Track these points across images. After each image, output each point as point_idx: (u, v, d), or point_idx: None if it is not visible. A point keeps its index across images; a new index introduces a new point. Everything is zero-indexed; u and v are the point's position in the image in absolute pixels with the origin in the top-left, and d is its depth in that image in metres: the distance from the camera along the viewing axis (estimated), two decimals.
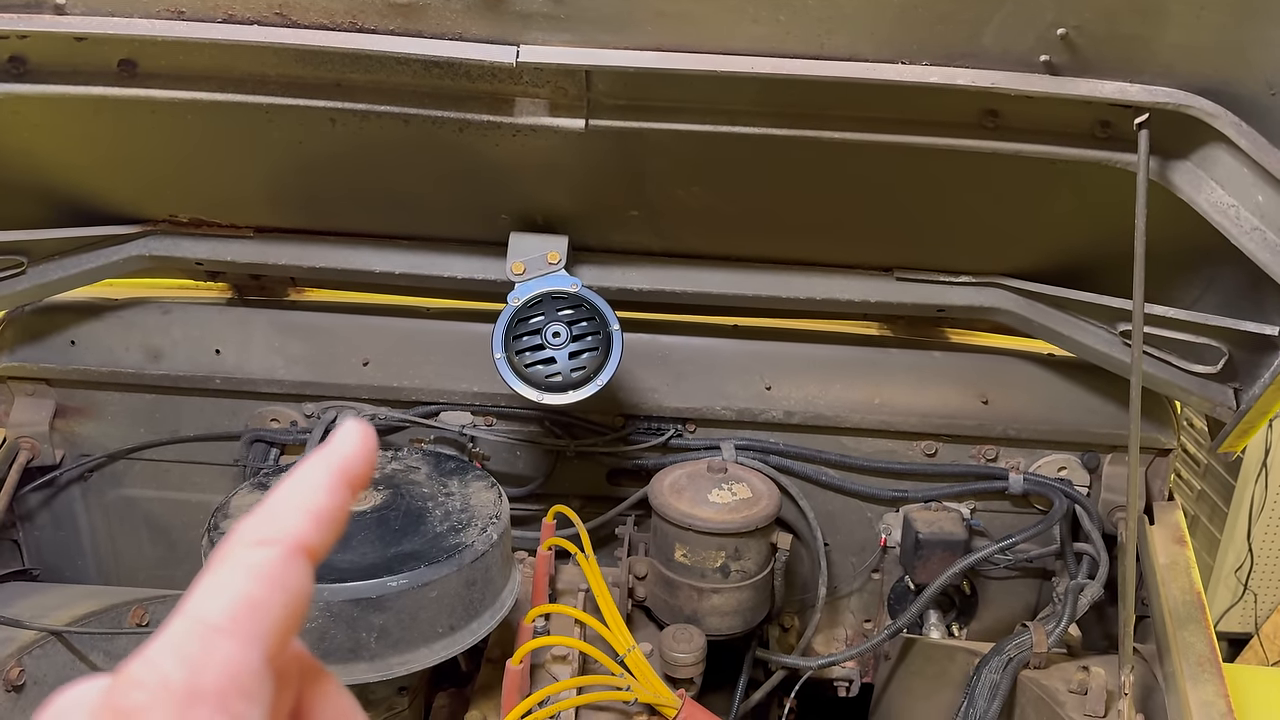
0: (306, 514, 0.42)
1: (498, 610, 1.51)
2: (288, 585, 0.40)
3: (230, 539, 0.40)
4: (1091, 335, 1.75)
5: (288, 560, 0.40)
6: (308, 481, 0.43)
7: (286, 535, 0.40)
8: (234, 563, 0.39)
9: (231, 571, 0.39)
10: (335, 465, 0.44)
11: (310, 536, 0.41)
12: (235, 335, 2.01)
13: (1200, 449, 4.43)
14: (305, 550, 0.41)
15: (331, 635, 1.33)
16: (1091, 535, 1.89)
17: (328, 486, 0.43)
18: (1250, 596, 4.23)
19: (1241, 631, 4.27)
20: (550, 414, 2.01)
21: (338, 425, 0.45)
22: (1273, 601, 4.28)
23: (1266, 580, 4.22)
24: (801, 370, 2.02)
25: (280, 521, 0.41)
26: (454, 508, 1.54)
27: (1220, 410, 1.66)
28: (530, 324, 1.68)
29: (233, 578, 0.39)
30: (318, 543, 0.41)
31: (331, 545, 0.43)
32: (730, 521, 1.75)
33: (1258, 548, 4.16)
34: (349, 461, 0.44)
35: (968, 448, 2.02)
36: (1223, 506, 4.23)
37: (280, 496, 0.42)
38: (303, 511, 0.42)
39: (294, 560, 0.40)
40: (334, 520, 0.43)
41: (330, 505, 0.43)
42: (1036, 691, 1.64)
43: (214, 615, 0.37)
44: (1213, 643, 1.55)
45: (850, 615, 2.17)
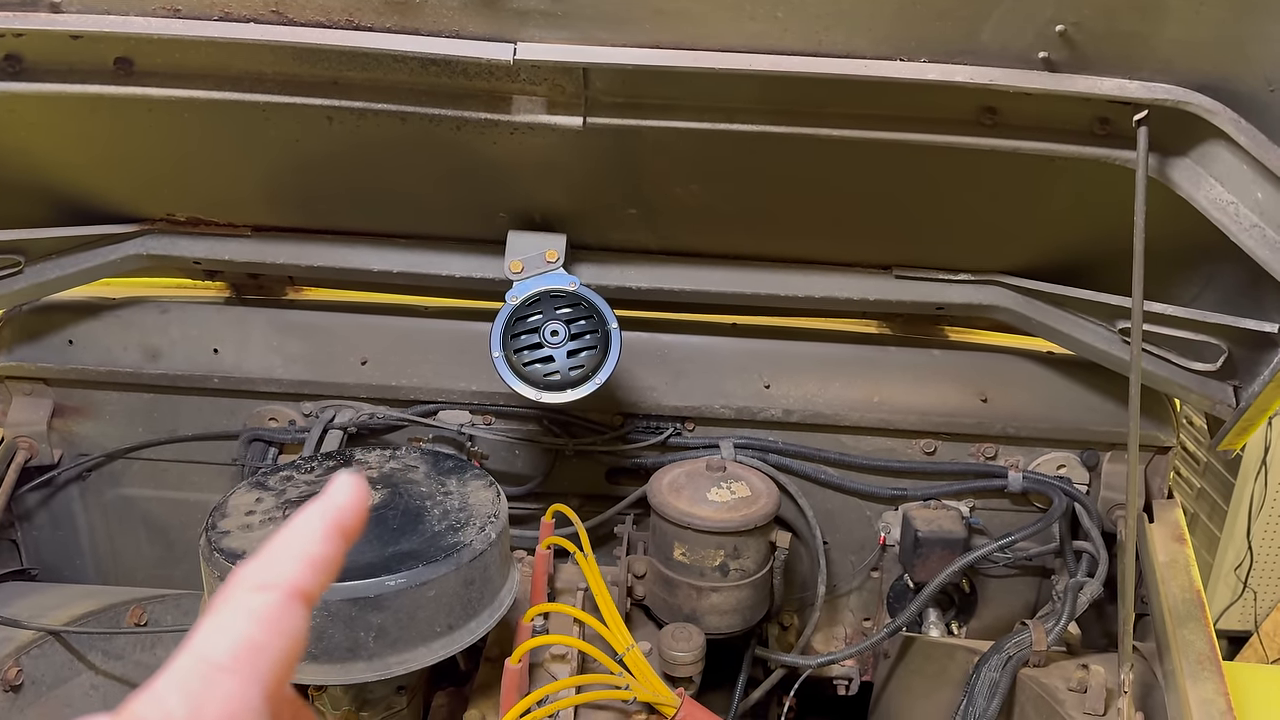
0: (303, 561, 0.45)
1: (496, 609, 1.50)
2: (286, 628, 0.43)
3: (232, 583, 0.44)
4: (1090, 333, 1.75)
5: (286, 605, 0.43)
6: (304, 530, 0.47)
7: (285, 581, 0.44)
8: (235, 606, 0.43)
9: (233, 614, 0.42)
10: (330, 515, 0.47)
11: (307, 582, 0.44)
12: (233, 334, 2.01)
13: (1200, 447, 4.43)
14: (302, 595, 0.44)
15: (330, 634, 1.33)
16: (1091, 533, 1.88)
17: (323, 535, 0.47)
18: (1250, 594, 4.23)
19: (1241, 629, 4.26)
20: (549, 413, 2.00)
21: (337, 476, 0.49)
22: (1272, 599, 4.27)
23: (1266, 578, 4.21)
24: (800, 369, 2.02)
25: (279, 568, 0.44)
26: (452, 507, 1.53)
27: (1220, 408, 1.66)
28: (528, 322, 1.67)
29: (234, 620, 0.42)
30: (314, 588, 0.45)
31: (326, 589, 0.46)
32: (729, 520, 1.75)
33: (1257, 546, 4.16)
34: (343, 512, 0.47)
35: (967, 446, 2.01)
36: (1222, 504, 4.23)
37: (278, 544, 0.46)
38: (300, 559, 0.45)
39: (292, 605, 0.43)
40: (329, 567, 0.46)
41: (325, 553, 0.46)
42: (1036, 690, 1.63)
43: (217, 654, 0.40)
44: (1212, 641, 1.55)
45: (849, 614, 2.17)
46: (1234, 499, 4.14)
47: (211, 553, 1.39)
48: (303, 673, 1.34)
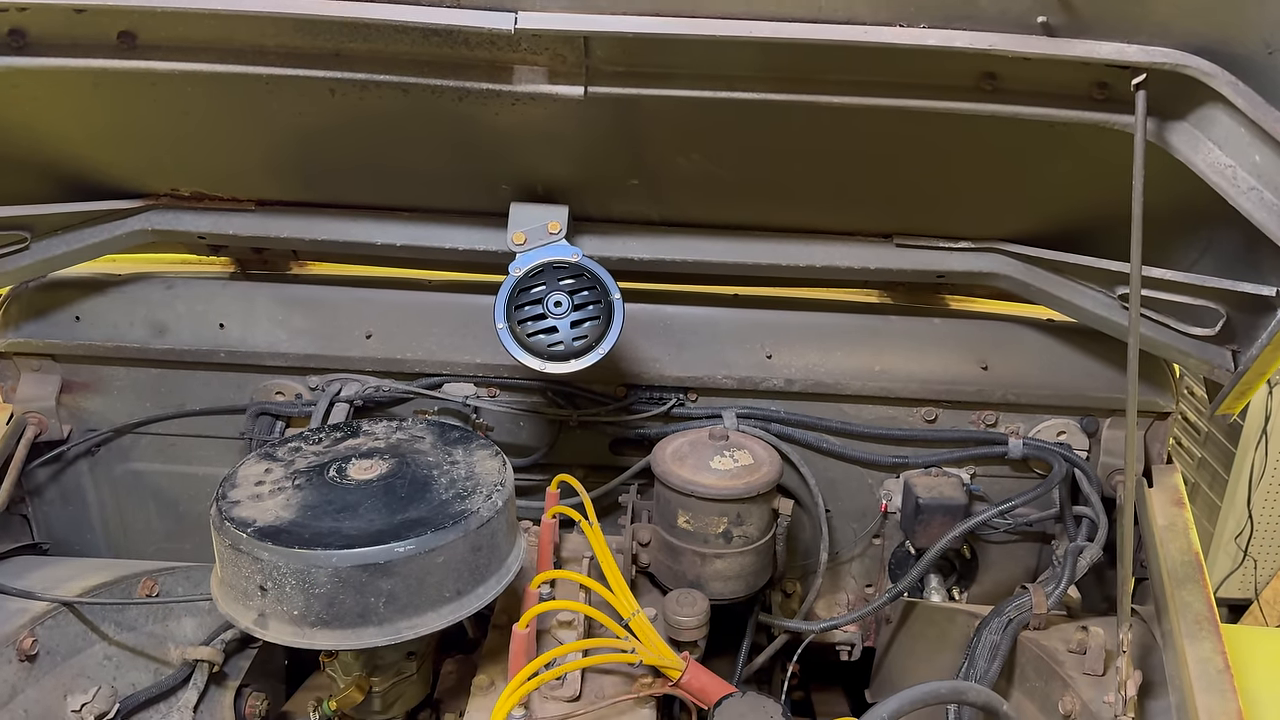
0: None
1: (504, 575, 1.53)
2: None
3: None
4: (1090, 299, 1.76)
5: None
6: None
7: None
8: None
9: None
10: None
11: None
12: (239, 309, 2.02)
13: (1200, 417, 4.44)
14: None
15: (340, 600, 1.35)
16: (1090, 498, 1.90)
17: None
18: (1250, 563, 4.26)
19: (1242, 597, 4.29)
20: (553, 384, 2.02)
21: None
22: (1273, 567, 4.30)
23: (1266, 546, 4.24)
24: (802, 338, 2.03)
25: None
26: (459, 475, 1.55)
27: (1218, 372, 1.67)
28: (532, 294, 1.68)
29: None
30: None
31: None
32: (732, 488, 1.77)
33: (1258, 514, 4.18)
34: None
35: (967, 413, 2.03)
36: (1223, 474, 4.24)
37: None
38: None
39: None
40: None
41: None
42: (1036, 651, 1.66)
43: None
44: (1210, 602, 1.57)
45: (852, 580, 2.19)
46: (1234, 468, 4.16)
47: (222, 522, 1.41)
48: (314, 638, 1.37)
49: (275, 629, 1.38)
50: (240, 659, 1.88)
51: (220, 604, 1.45)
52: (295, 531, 1.38)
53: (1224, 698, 1.36)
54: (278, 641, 1.38)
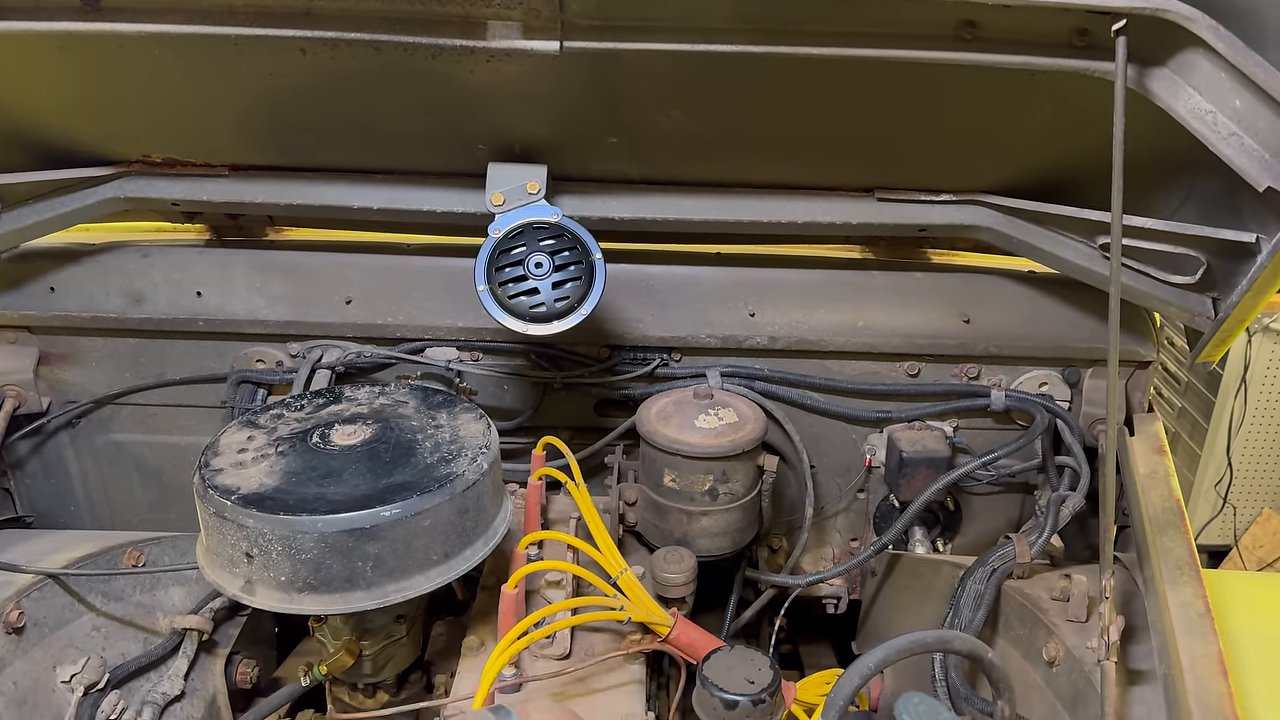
0: None
1: (491, 537, 1.53)
2: None
3: None
4: (1071, 250, 1.76)
5: None
6: None
7: None
8: None
9: None
10: None
11: None
12: (216, 277, 2.00)
13: (1180, 367, 4.48)
14: None
15: (328, 566, 1.35)
16: (1073, 448, 1.92)
17: None
18: (1230, 509, 4.32)
19: (1221, 544, 4.36)
20: (536, 347, 2.01)
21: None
22: (1251, 514, 4.36)
23: (1245, 493, 4.30)
24: (785, 295, 2.03)
25: None
26: (443, 439, 1.55)
27: (1199, 320, 1.68)
28: (512, 255, 1.67)
29: None
30: None
31: None
32: (717, 446, 1.77)
33: (1237, 462, 4.23)
34: None
35: (950, 367, 2.04)
36: (1203, 423, 4.29)
37: None
38: None
39: None
40: None
41: None
42: (1020, 600, 1.68)
43: None
44: (1191, 547, 1.59)
45: (837, 535, 2.21)
46: (1214, 417, 4.20)
47: (206, 490, 1.41)
48: (302, 603, 1.37)
49: (263, 595, 1.38)
50: (229, 627, 1.88)
51: (207, 572, 1.45)
52: (280, 498, 1.37)
53: (1205, 640, 1.38)
54: (265, 608, 1.38)
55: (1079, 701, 1.50)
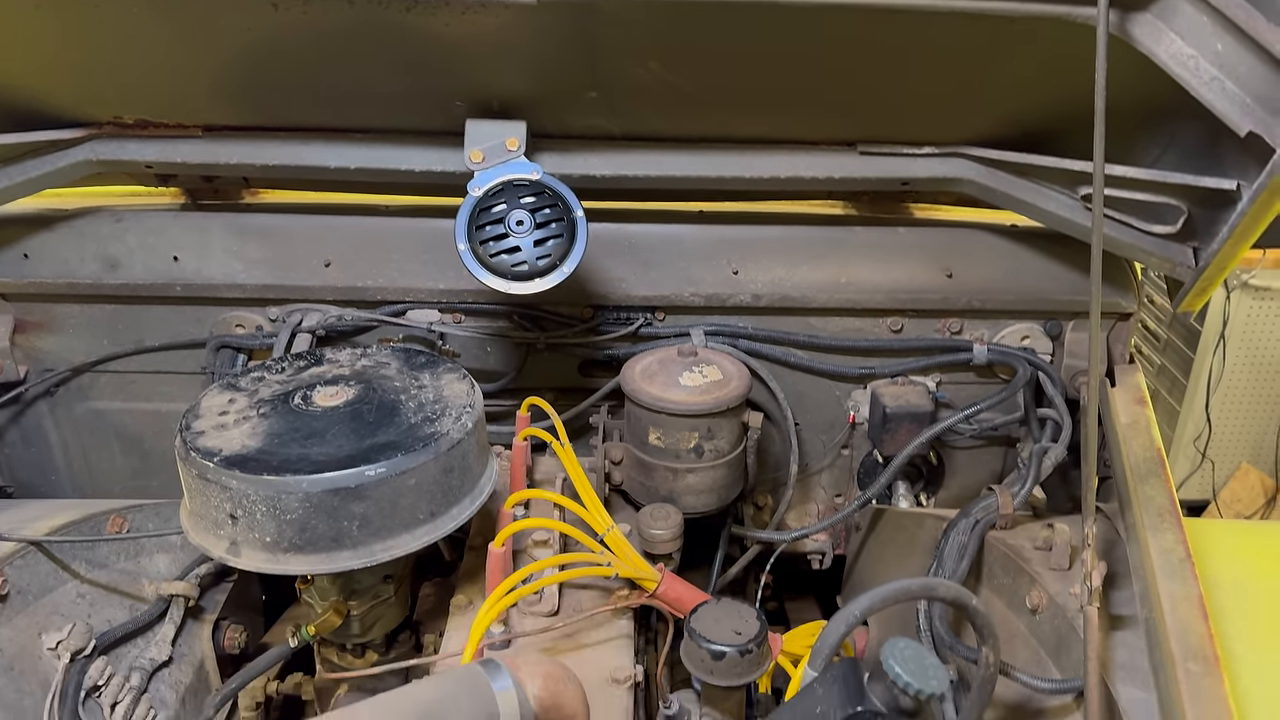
0: None
1: (477, 496, 1.52)
2: None
3: None
4: (1053, 201, 1.76)
5: None
6: None
7: None
8: None
9: None
10: None
11: None
12: (192, 241, 1.97)
13: (1161, 324, 4.52)
14: None
15: (313, 526, 1.34)
16: (1055, 400, 1.93)
17: None
18: (1208, 465, 4.37)
19: (1200, 498, 4.42)
20: (519, 308, 2.00)
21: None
22: (1229, 468, 4.42)
23: (1224, 448, 4.35)
24: (768, 253, 2.02)
25: None
26: (427, 399, 1.54)
27: (1180, 270, 1.68)
28: (493, 213, 1.65)
29: None
30: None
31: None
32: (702, 403, 1.77)
33: (1215, 417, 4.28)
34: None
35: (933, 322, 2.04)
36: (1182, 379, 4.33)
37: None
38: None
39: None
40: None
41: None
42: (1003, 550, 1.69)
43: None
44: (1172, 495, 1.60)
45: (821, 491, 2.22)
46: (1193, 373, 4.24)
47: (188, 452, 1.40)
48: (289, 564, 1.37)
49: (248, 556, 1.37)
50: (216, 593, 1.88)
51: (191, 535, 1.44)
52: (263, 459, 1.37)
53: (1186, 584, 1.39)
54: (251, 569, 1.37)
55: (1062, 647, 1.52)
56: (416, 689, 1.11)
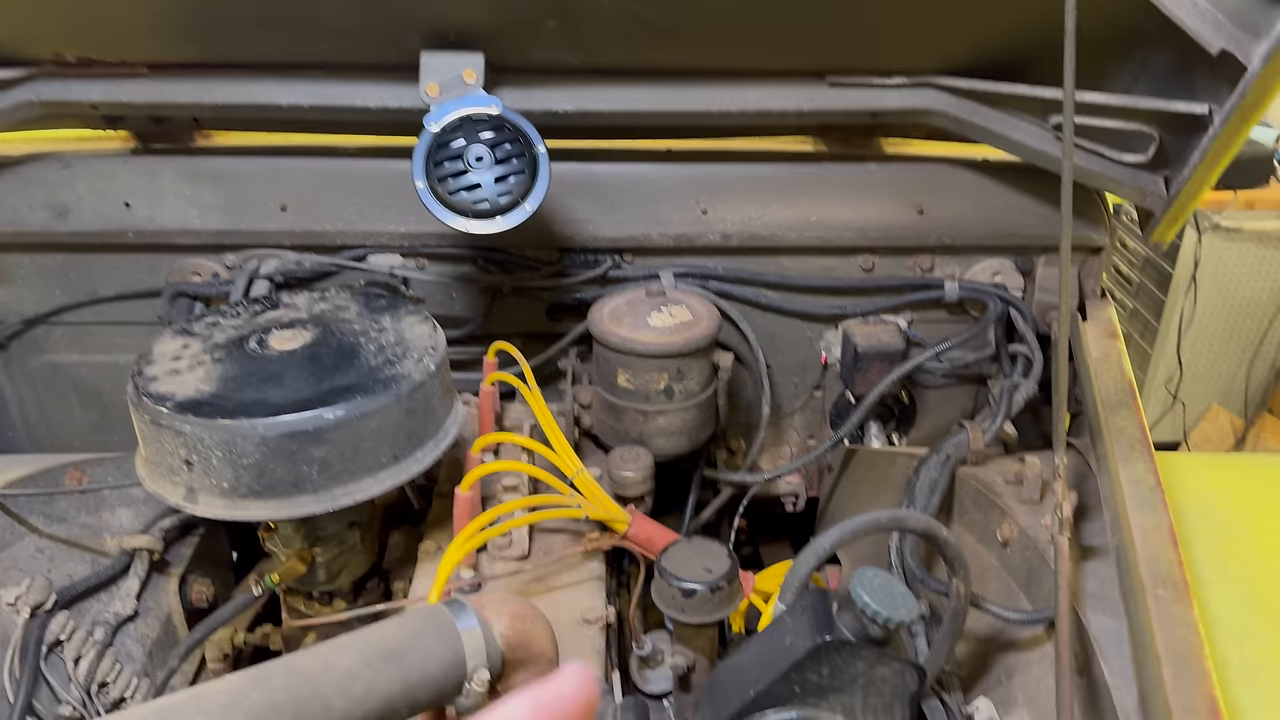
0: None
1: (442, 439, 1.50)
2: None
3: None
4: (1025, 132, 1.73)
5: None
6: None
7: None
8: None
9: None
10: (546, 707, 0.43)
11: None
12: (143, 186, 1.91)
13: (1133, 269, 4.53)
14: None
15: (271, 470, 1.31)
16: (1026, 336, 1.92)
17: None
18: (1179, 407, 4.41)
19: (1171, 440, 4.47)
20: (483, 251, 1.96)
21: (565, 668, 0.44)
22: (1200, 410, 4.46)
23: (1195, 389, 4.39)
24: (737, 191, 1.99)
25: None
26: (388, 341, 1.50)
27: (1151, 199, 1.66)
28: (451, 149, 1.60)
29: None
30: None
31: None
32: (671, 343, 1.75)
33: (1186, 359, 4.31)
34: (562, 704, 0.43)
35: (904, 259, 2.02)
36: (1154, 323, 4.35)
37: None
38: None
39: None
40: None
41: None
42: (974, 485, 1.69)
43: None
44: (1144, 426, 1.60)
45: (794, 433, 2.21)
46: (1165, 316, 4.26)
47: (140, 398, 1.36)
48: (248, 509, 1.34)
49: (206, 503, 1.34)
50: (182, 547, 1.85)
51: (147, 483, 1.41)
52: (217, 403, 1.33)
53: (1156, 512, 1.39)
54: (209, 515, 1.34)
55: (1033, 579, 1.52)
56: (377, 630, 1.09)
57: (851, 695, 1.12)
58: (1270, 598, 1.36)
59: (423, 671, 1.06)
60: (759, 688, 1.12)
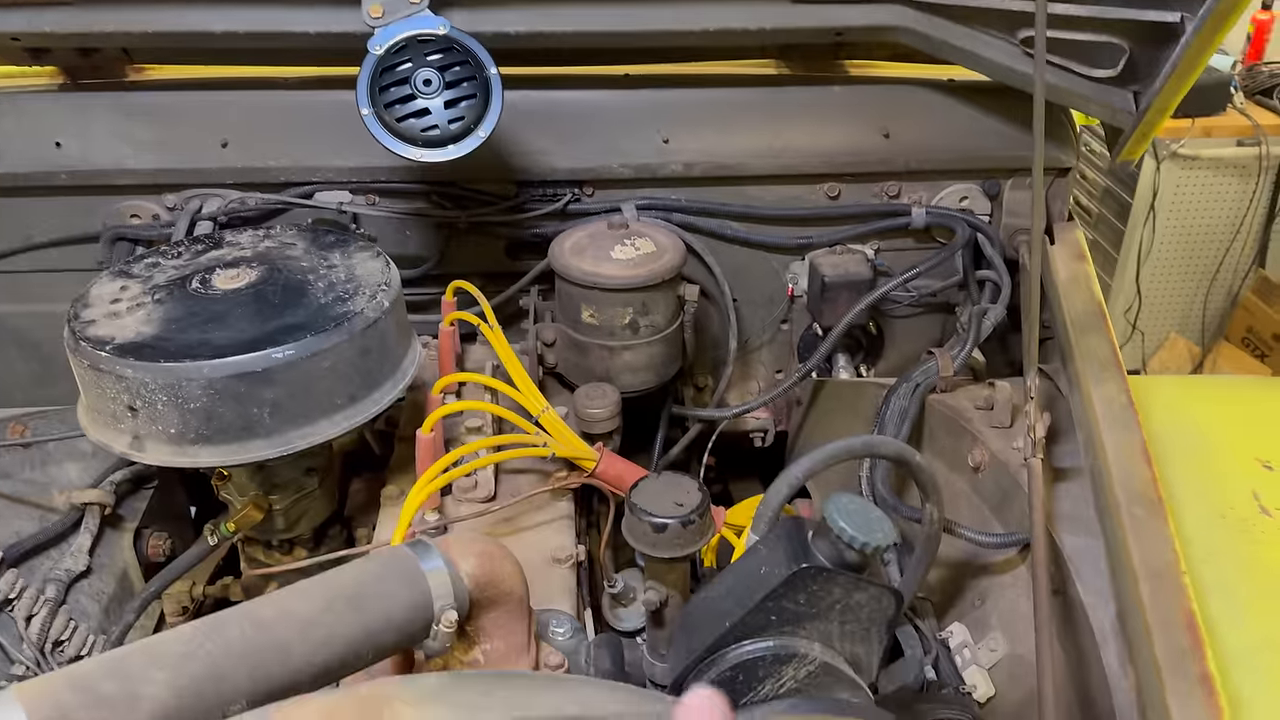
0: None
1: (399, 379, 1.44)
2: None
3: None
4: (993, 48, 1.68)
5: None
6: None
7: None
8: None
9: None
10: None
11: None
12: (74, 124, 1.81)
13: (1092, 199, 4.53)
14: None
15: (220, 414, 1.25)
16: (994, 261, 1.89)
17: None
18: (1139, 336, 4.44)
19: (1130, 369, 4.49)
20: (436, 185, 1.88)
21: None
22: (1159, 338, 4.50)
23: (1153, 318, 4.42)
24: (699, 118, 1.92)
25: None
26: (338, 279, 1.44)
27: (1120, 116, 1.62)
28: (397, 73, 1.52)
29: None
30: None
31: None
32: (636, 276, 1.70)
33: (1145, 289, 4.33)
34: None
35: (871, 186, 1.97)
36: (1114, 253, 4.36)
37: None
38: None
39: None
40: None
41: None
42: (944, 412, 1.67)
43: None
44: (1114, 346, 1.58)
45: (762, 368, 2.18)
46: (1124, 246, 4.27)
47: (77, 343, 1.29)
48: (197, 456, 1.28)
49: (153, 450, 1.28)
50: (135, 500, 1.78)
51: (90, 432, 1.34)
52: (160, 345, 1.26)
53: (1129, 431, 1.38)
54: (157, 463, 1.28)
55: (1005, 503, 1.51)
56: (338, 574, 1.05)
57: (828, 622, 1.10)
58: (1240, 513, 1.36)
59: (386, 614, 1.02)
60: (734, 618, 1.09)
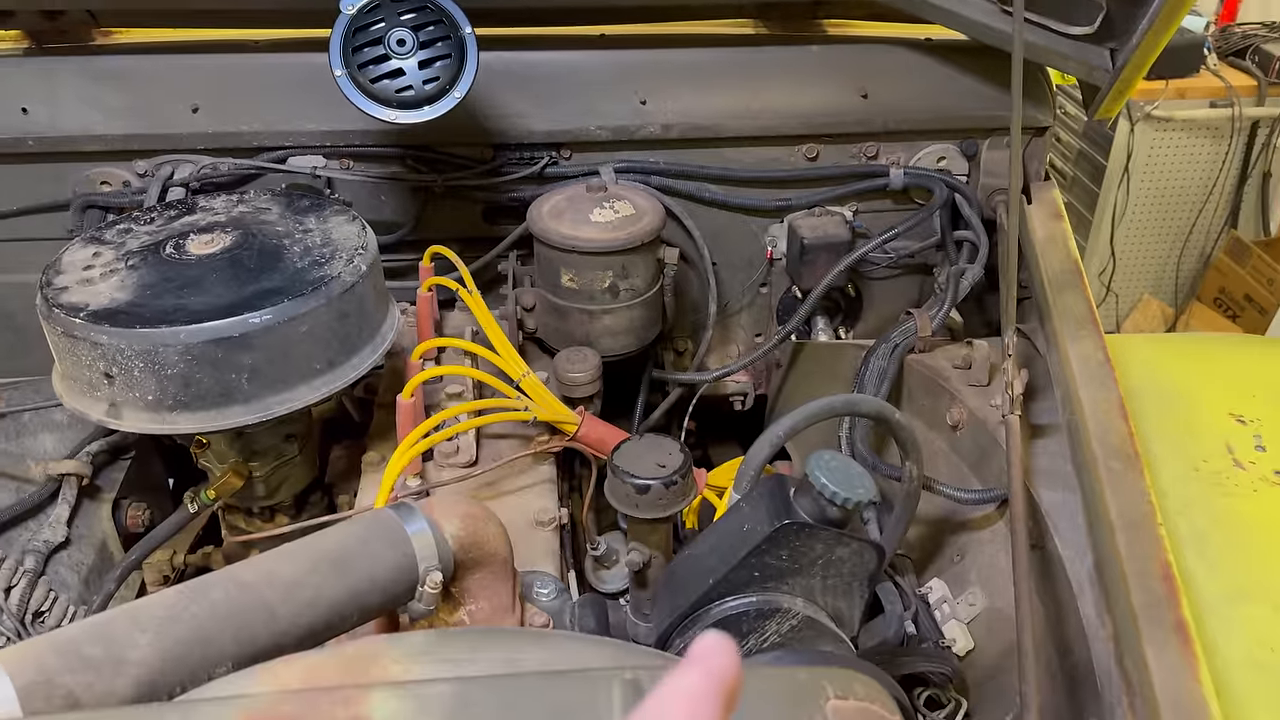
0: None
1: (379, 344, 1.43)
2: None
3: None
4: (971, 5, 1.68)
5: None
6: None
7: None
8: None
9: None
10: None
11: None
12: (41, 90, 1.77)
13: (1066, 161, 4.55)
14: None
15: (198, 380, 1.24)
16: (971, 221, 1.89)
17: None
18: (1112, 298, 4.48)
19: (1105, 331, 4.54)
20: (412, 149, 1.86)
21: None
22: (1133, 300, 4.54)
23: (1127, 280, 4.45)
24: (677, 79, 1.91)
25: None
26: (314, 243, 1.42)
27: (1096, 74, 1.63)
28: (370, 32, 1.49)
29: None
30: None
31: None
32: (615, 239, 1.69)
33: (1119, 251, 4.36)
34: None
35: (849, 147, 1.97)
36: (1088, 215, 4.39)
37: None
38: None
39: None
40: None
41: None
42: (922, 371, 1.68)
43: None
44: (1091, 304, 1.59)
45: (741, 331, 2.18)
46: (1098, 207, 4.30)
47: (50, 310, 1.27)
48: (176, 422, 1.27)
49: (130, 418, 1.27)
50: (113, 471, 1.77)
51: (66, 400, 1.33)
52: (135, 311, 1.25)
53: (1106, 387, 1.39)
54: (135, 430, 1.27)
55: (983, 461, 1.53)
56: (322, 537, 1.05)
57: (810, 577, 1.11)
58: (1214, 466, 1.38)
59: (371, 576, 1.02)
60: (718, 575, 1.10)
